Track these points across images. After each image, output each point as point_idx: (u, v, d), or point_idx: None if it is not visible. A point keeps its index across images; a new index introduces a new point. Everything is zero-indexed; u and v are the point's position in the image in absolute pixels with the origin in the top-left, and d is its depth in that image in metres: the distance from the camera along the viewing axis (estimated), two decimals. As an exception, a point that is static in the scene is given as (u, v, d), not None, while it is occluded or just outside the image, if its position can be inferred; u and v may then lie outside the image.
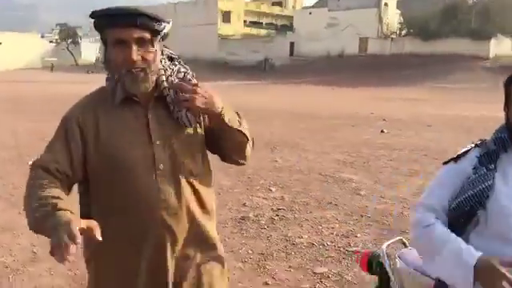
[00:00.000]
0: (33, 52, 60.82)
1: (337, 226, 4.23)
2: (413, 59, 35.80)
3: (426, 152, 7.95)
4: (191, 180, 1.44)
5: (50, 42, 67.71)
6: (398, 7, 44.12)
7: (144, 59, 1.32)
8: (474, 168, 1.34)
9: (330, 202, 4.96)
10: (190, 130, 1.45)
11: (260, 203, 4.92)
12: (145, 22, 1.30)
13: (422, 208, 1.39)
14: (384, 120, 12.44)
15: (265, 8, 59.46)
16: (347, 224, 4.27)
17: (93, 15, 1.35)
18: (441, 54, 35.29)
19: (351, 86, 28.39)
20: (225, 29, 53.65)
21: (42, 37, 71.13)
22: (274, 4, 61.69)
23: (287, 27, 53.61)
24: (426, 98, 20.40)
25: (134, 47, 1.30)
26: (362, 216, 4.49)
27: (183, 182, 1.42)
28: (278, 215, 4.52)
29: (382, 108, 15.30)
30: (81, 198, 1.46)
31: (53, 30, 70.79)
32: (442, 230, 1.29)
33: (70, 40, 63.80)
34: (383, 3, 42.18)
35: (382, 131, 10.35)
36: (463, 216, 1.30)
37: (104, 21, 1.34)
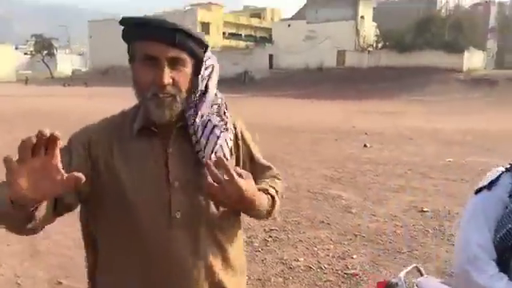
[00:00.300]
0: (7, 65, 59.50)
1: (332, 246, 4.21)
2: (389, 72, 36.49)
3: (411, 167, 8.06)
4: (215, 233, 1.20)
5: (25, 53, 66.44)
6: (374, 20, 45.08)
7: (175, 83, 1.11)
8: (510, 196, 1.23)
9: (322, 221, 4.95)
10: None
11: (252, 224, 4.87)
12: (183, 41, 1.10)
13: (480, 262, 1.22)
14: (366, 134, 12.59)
15: (243, 20, 59.93)
16: (342, 244, 4.26)
17: (123, 22, 1.14)
18: (416, 66, 36.07)
19: (330, 98, 28.70)
20: (203, 41, 53.69)
21: (16, 48, 69.71)
22: (252, 16, 62.27)
23: (266, 39, 54.05)
24: (404, 111, 20.77)
25: (167, 68, 1.08)
26: (355, 235, 4.49)
27: (204, 235, 1.17)
28: (271, 236, 4.48)
29: (362, 121, 15.49)
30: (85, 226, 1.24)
31: (27, 41, 69.43)
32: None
33: (45, 52, 62.75)
34: (360, 16, 43.04)
35: (365, 145, 10.46)
36: (507, 251, 1.20)
37: (135, 31, 1.12)
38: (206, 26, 54.51)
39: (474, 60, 38.32)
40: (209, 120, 1.19)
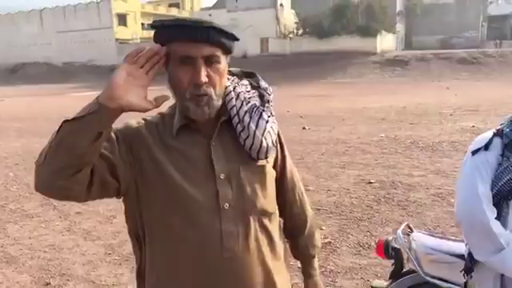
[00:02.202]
0: None
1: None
2: (311, 57, 37.93)
3: (350, 144, 8.69)
4: (264, 221, 1.24)
5: None
6: (292, 7, 46.31)
7: (211, 81, 1.13)
8: (502, 155, 1.48)
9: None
10: (262, 162, 1.25)
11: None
12: (217, 38, 1.12)
13: (483, 204, 1.47)
14: (301, 117, 13.18)
15: (162, 10, 58.42)
16: (309, 218, 4.62)
17: (154, 25, 1.14)
18: (335, 50, 37.87)
19: (258, 85, 29.24)
20: (122, 32, 51.69)
21: None
22: (171, 5, 60.90)
23: (187, 29, 53.25)
24: (331, 94, 21.84)
25: (203, 67, 1.11)
26: (319, 210, 4.88)
27: (254, 223, 1.21)
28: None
29: (295, 105, 16.11)
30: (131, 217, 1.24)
31: None
32: (501, 228, 1.45)
33: None
34: (279, 4, 43.98)
35: (303, 128, 11.00)
36: (502, 201, 1.48)
37: (168, 33, 1.12)
38: (122, 18, 52.46)
39: (386, 42, 41.00)
40: (255, 105, 1.23)
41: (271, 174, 1.29)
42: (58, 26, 53.35)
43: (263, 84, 1.30)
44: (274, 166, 1.32)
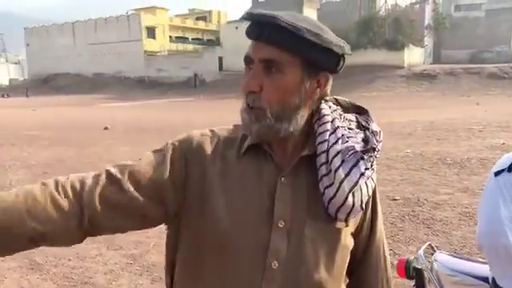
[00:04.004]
0: None
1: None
2: (337, 70, 37.84)
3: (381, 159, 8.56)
4: None
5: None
6: (318, 20, 46.30)
7: (264, 92, 0.89)
8: None
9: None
10: (341, 224, 0.96)
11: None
12: (279, 38, 0.86)
13: (506, 228, 1.42)
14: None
15: (190, 23, 59.61)
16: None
17: (243, 18, 0.95)
18: (362, 64, 37.63)
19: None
20: (150, 45, 52.93)
21: None
22: (198, 19, 62.05)
23: (214, 42, 54.12)
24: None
25: (257, 72, 0.88)
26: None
27: None
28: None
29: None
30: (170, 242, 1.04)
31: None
32: None
33: (-21, 61, 59.22)
34: (305, 17, 44.14)
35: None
36: None
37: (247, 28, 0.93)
38: (151, 31, 53.77)
39: (414, 56, 40.56)
40: (353, 148, 0.92)
41: (347, 244, 0.98)
42: (90, 38, 55.10)
43: (374, 127, 0.99)
44: (356, 234, 1.01)
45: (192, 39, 58.86)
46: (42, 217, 0.85)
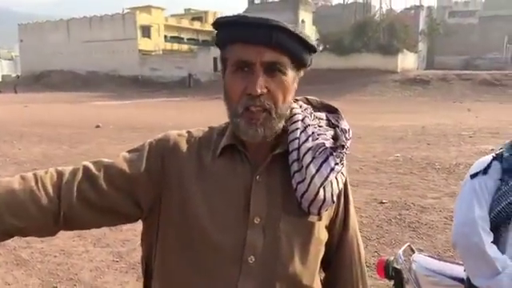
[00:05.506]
0: None
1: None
2: (330, 74, 37.93)
3: (364, 163, 8.60)
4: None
5: None
6: (313, 24, 46.61)
7: (270, 94, 0.91)
8: (501, 179, 1.49)
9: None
10: (313, 218, 0.98)
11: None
12: (283, 41, 0.90)
13: (479, 228, 1.45)
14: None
15: (185, 23, 59.49)
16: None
17: (215, 24, 0.96)
18: (355, 68, 37.85)
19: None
20: (145, 44, 52.77)
21: None
22: (194, 19, 61.97)
23: (209, 42, 54.07)
24: (348, 111, 21.66)
25: (261, 75, 0.89)
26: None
27: None
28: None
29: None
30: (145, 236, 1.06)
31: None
32: (497, 252, 1.44)
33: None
34: (300, 20, 44.32)
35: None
36: (500, 225, 1.48)
37: (227, 33, 0.94)
38: (146, 29, 53.60)
39: (407, 61, 40.82)
40: (323, 145, 0.96)
41: (320, 237, 1.00)
42: (84, 36, 54.80)
43: (344, 125, 1.04)
44: (329, 228, 1.04)
45: (187, 39, 58.76)
46: (20, 213, 0.88)
